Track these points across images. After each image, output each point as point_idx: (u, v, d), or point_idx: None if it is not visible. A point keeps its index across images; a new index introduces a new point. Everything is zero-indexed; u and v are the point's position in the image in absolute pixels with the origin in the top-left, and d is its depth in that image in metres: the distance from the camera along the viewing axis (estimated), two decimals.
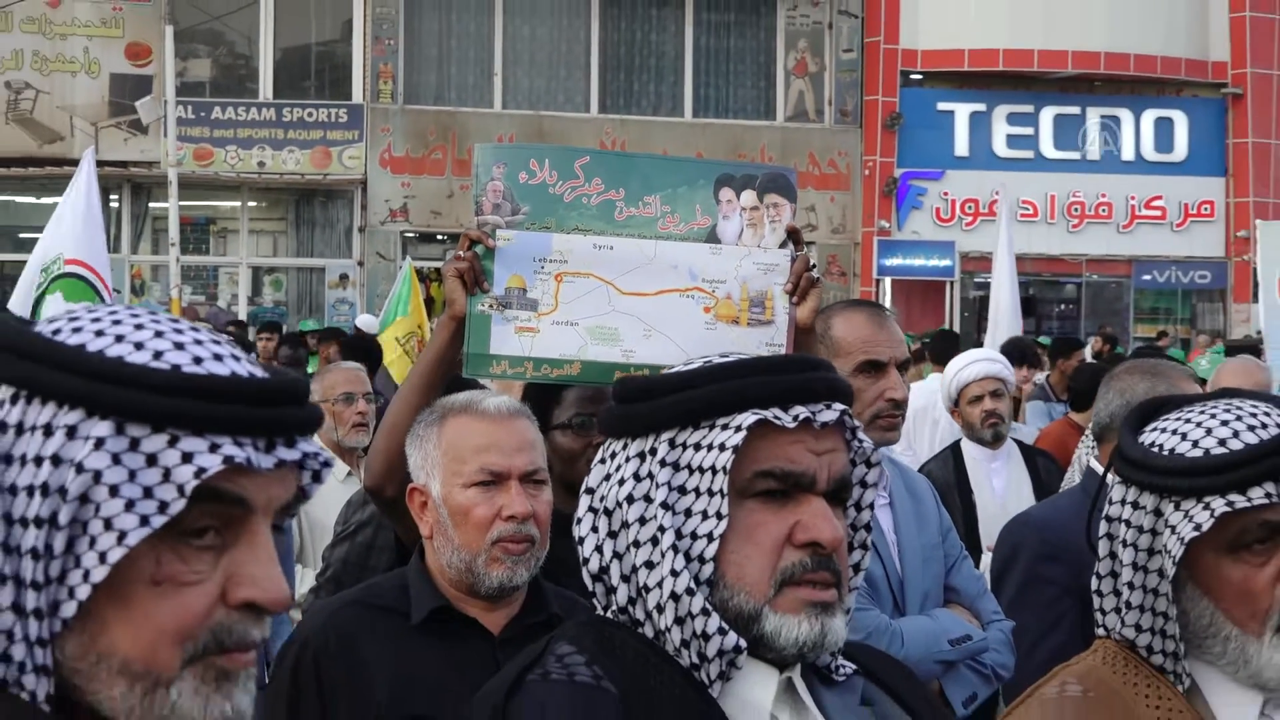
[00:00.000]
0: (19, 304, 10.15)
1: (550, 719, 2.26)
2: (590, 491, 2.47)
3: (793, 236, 4.60)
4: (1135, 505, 2.64)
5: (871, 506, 2.58)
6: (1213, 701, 2.65)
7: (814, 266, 4.79)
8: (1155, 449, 2.65)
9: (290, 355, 16.92)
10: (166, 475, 1.61)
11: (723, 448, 2.31)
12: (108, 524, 1.59)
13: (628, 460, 2.41)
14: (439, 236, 32.23)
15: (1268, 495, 2.49)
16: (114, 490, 1.60)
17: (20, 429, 1.62)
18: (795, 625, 2.29)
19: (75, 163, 19.47)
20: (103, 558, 1.60)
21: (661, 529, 2.33)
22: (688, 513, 2.34)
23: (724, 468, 2.31)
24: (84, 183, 11.64)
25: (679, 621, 2.31)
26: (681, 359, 2.69)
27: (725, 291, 4.46)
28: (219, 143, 31.15)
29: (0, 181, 31.08)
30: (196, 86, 31.16)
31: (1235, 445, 2.53)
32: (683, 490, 2.35)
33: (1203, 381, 6.96)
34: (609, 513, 2.40)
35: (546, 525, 3.42)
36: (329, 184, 32.06)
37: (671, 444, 2.36)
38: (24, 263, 29.43)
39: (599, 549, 2.41)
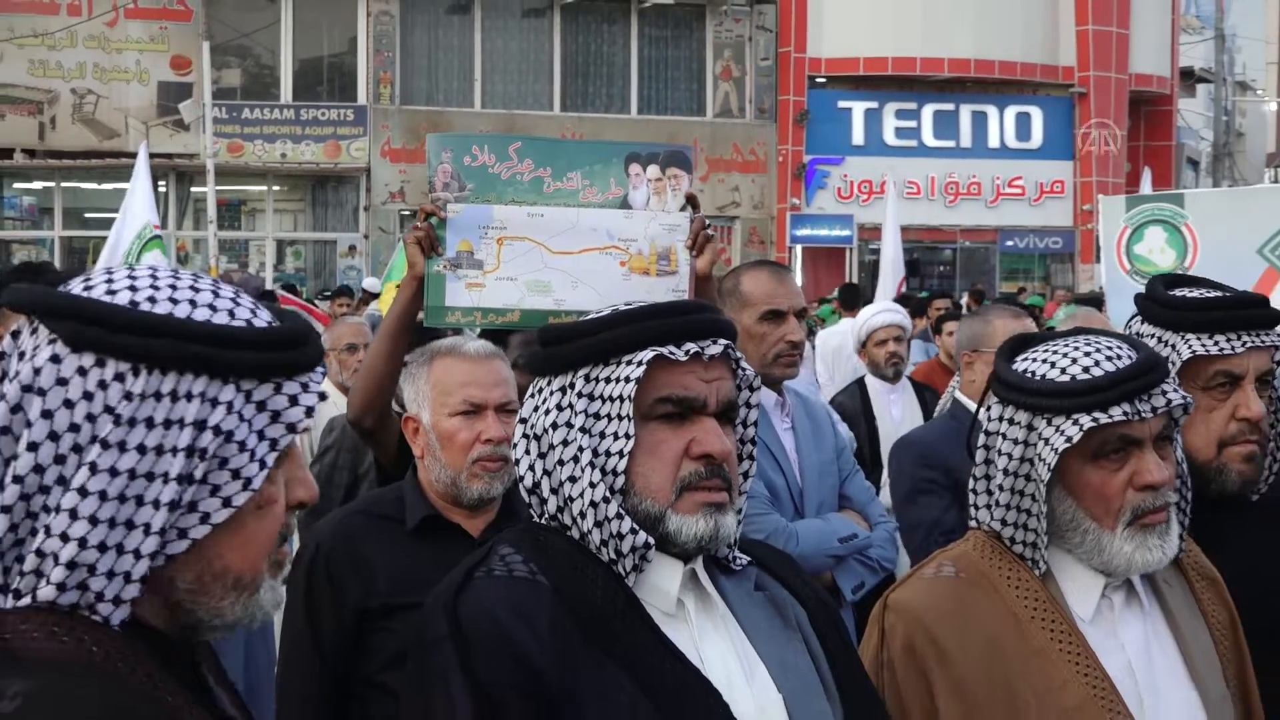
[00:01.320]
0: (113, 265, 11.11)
1: (492, 607, 2.30)
2: (523, 421, 2.48)
3: (691, 201, 4.69)
4: (1011, 421, 2.67)
5: (756, 424, 2.59)
6: (1064, 584, 2.68)
7: (709, 226, 4.77)
8: (1029, 375, 2.67)
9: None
10: (276, 417, 1.66)
11: (627, 380, 2.34)
12: (235, 473, 1.63)
13: (552, 394, 2.42)
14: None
15: (1124, 413, 2.54)
16: (242, 444, 1.63)
17: (144, 397, 1.59)
18: (694, 523, 2.34)
19: (130, 155, 20.69)
20: (227, 501, 1.63)
21: (581, 449, 2.36)
22: (601, 435, 2.37)
23: (629, 396, 2.34)
24: (144, 176, 12.30)
25: (598, 525, 2.34)
26: (603, 305, 2.63)
27: (637, 249, 4.53)
28: (248, 138, 31.45)
29: (68, 171, 30.81)
30: (229, 91, 31.22)
31: (1097, 372, 2.57)
32: (597, 416, 2.38)
33: (1051, 328, 7.10)
34: (538, 438, 2.42)
35: None
36: (339, 171, 32.29)
37: (586, 379, 2.39)
38: (90, 237, 29.76)
39: (531, 468, 2.43)
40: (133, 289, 1.62)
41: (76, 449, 1.56)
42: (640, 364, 2.32)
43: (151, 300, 1.61)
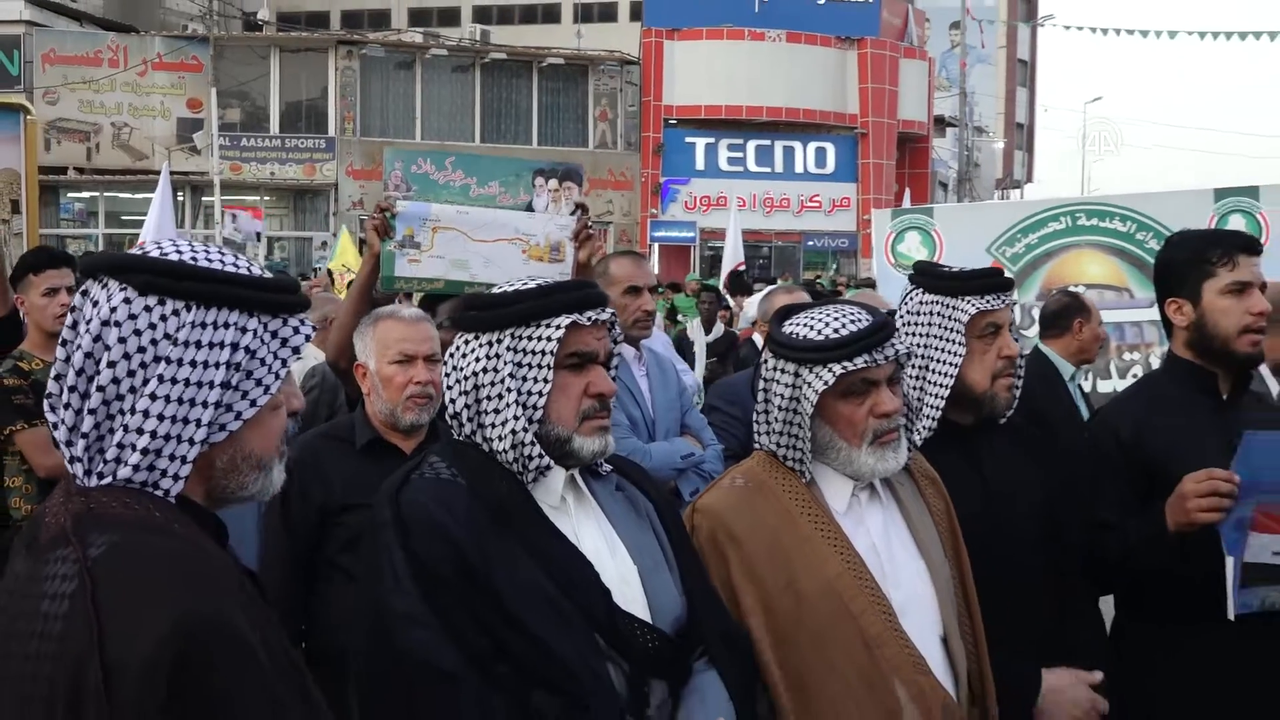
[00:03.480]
0: None
1: (423, 500, 2.33)
2: (455, 368, 2.43)
3: (580, 206, 4.71)
4: (782, 370, 2.66)
5: (618, 367, 2.55)
6: (824, 488, 2.69)
7: (591, 225, 4.69)
8: (795, 335, 2.66)
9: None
10: (285, 342, 1.72)
11: (549, 339, 2.34)
12: (258, 381, 1.70)
13: (480, 347, 2.39)
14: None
15: (865, 361, 2.56)
16: (262, 360, 1.70)
17: (197, 326, 1.65)
18: (592, 442, 2.40)
19: (155, 173, 18.82)
20: (253, 402, 1.69)
21: (507, 390, 2.35)
22: (524, 379, 2.36)
23: (551, 351, 2.35)
24: (165, 188, 12.37)
25: (514, 446, 2.35)
26: (505, 280, 2.57)
27: (535, 241, 4.54)
28: (245, 160, 32.42)
29: (109, 184, 31.88)
30: (231, 125, 31.86)
31: (844, 332, 2.60)
32: (521, 365, 2.36)
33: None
34: (465, 379, 2.39)
35: (440, 387, 2.94)
36: (314, 186, 33.16)
37: (513, 337, 2.37)
38: (126, 235, 27.90)
39: (454, 400, 2.42)
40: (179, 253, 1.69)
41: (143, 365, 1.63)
42: (560, 328, 2.34)
43: (194, 260, 1.68)
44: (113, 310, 1.64)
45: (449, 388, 2.44)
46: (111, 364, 1.63)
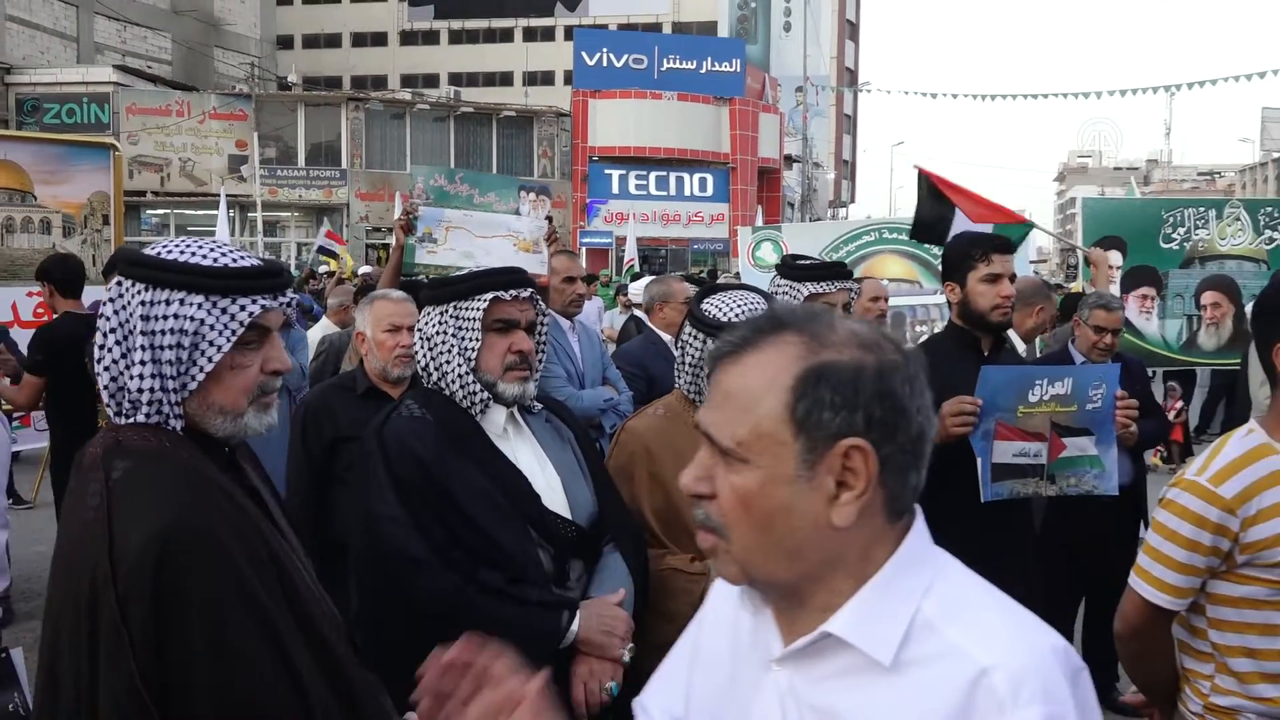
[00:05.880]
0: None
1: (400, 432, 2.25)
2: (419, 331, 2.38)
3: (548, 216, 4.75)
4: (695, 336, 2.58)
5: (546, 332, 2.48)
6: None
7: (558, 229, 4.73)
8: (707, 313, 2.59)
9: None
10: (233, 317, 1.56)
11: (478, 309, 2.29)
12: (211, 343, 1.55)
13: (436, 315, 2.34)
14: (379, 229, 31.38)
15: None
16: (211, 327, 1.55)
17: (154, 304, 1.54)
18: (513, 387, 2.31)
19: (214, 196, 20.35)
20: (209, 359, 1.55)
21: (451, 345, 2.30)
22: (462, 339, 2.30)
23: (479, 317, 2.29)
24: (223, 207, 12.96)
25: (462, 386, 2.29)
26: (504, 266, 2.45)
27: (523, 237, 4.41)
28: (279, 186, 32.06)
29: (178, 203, 31.07)
30: (269, 160, 31.48)
31: (735, 316, 2.50)
32: (460, 328, 2.30)
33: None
34: (428, 339, 2.33)
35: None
36: (331, 205, 32.53)
37: (455, 308, 2.31)
38: None
39: (420, 356, 2.35)
40: (173, 251, 1.57)
41: (129, 334, 1.55)
42: (485, 300, 2.28)
43: (179, 255, 1.56)
44: (108, 292, 1.59)
45: (418, 347, 2.39)
46: (111, 330, 1.58)
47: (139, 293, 1.55)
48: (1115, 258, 5.91)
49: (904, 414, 1.09)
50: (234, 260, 1.59)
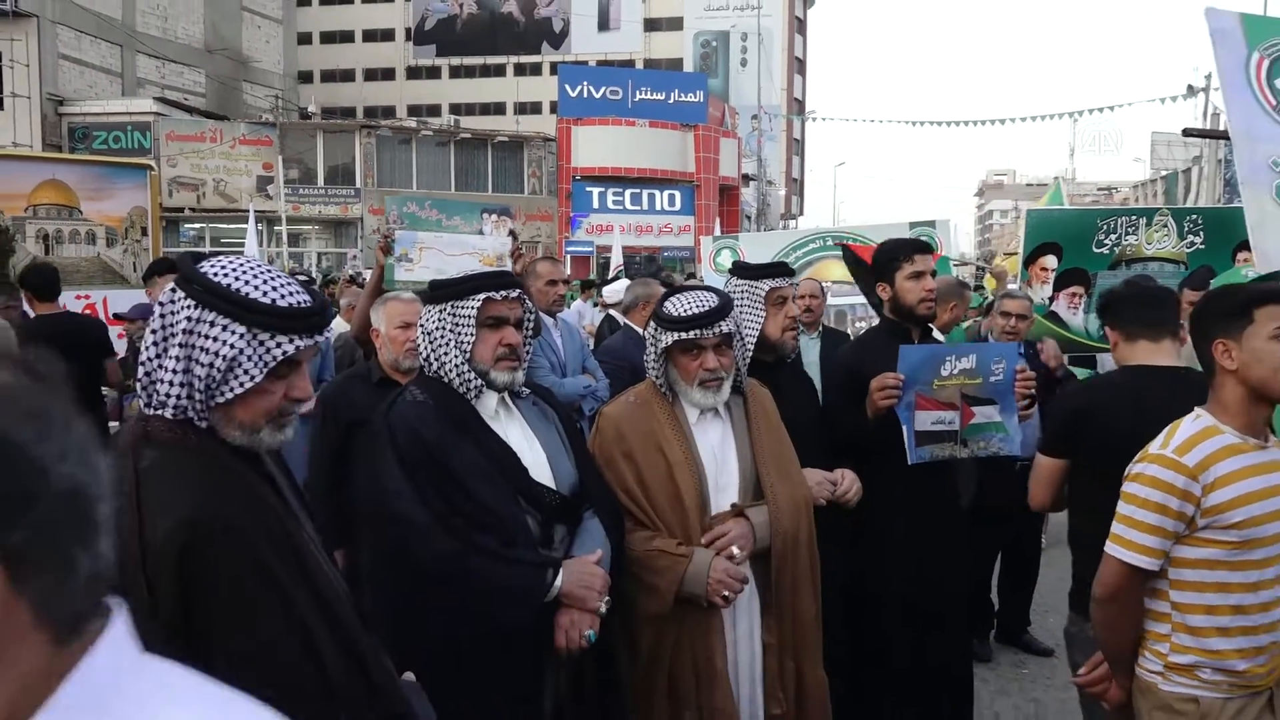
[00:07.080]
0: None
1: (405, 414, 2.21)
2: (421, 327, 2.32)
3: (511, 233, 4.58)
4: (657, 330, 2.52)
5: (533, 326, 2.42)
6: (686, 410, 2.53)
7: (522, 245, 4.49)
8: (665, 310, 2.52)
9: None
10: (269, 351, 1.49)
11: (473, 307, 2.24)
12: (245, 371, 1.48)
13: (435, 313, 2.28)
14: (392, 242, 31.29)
15: (695, 334, 2.42)
16: (249, 358, 1.48)
17: (199, 321, 1.48)
18: (503, 375, 2.26)
19: (244, 212, 19.64)
20: (240, 384, 1.48)
21: (449, 340, 2.24)
22: (459, 333, 2.24)
23: (474, 315, 2.24)
24: (251, 222, 12.70)
25: (458, 375, 2.24)
26: None
27: (486, 255, 4.35)
28: (302, 203, 31.39)
29: (212, 218, 30.32)
30: (292, 180, 30.79)
31: (687, 313, 2.46)
32: (457, 324, 2.25)
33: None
34: (429, 334, 2.27)
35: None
36: (347, 219, 31.95)
37: (453, 307, 2.26)
38: (222, 254, 30.85)
39: (423, 349, 2.30)
40: (223, 272, 1.50)
41: (168, 341, 1.50)
42: (479, 300, 2.23)
43: (228, 279, 1.49)
44: (163, 295, 1.55)
45: (420, 340, 2.35)
46: (154, 330, 1.53)
47: (188, 308, 1.49)
48: (1051, 261, 5.91)
49: (31, 475, 0.63)
50: (282, 296, 1.51)
